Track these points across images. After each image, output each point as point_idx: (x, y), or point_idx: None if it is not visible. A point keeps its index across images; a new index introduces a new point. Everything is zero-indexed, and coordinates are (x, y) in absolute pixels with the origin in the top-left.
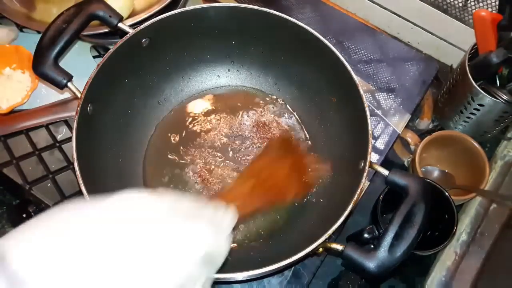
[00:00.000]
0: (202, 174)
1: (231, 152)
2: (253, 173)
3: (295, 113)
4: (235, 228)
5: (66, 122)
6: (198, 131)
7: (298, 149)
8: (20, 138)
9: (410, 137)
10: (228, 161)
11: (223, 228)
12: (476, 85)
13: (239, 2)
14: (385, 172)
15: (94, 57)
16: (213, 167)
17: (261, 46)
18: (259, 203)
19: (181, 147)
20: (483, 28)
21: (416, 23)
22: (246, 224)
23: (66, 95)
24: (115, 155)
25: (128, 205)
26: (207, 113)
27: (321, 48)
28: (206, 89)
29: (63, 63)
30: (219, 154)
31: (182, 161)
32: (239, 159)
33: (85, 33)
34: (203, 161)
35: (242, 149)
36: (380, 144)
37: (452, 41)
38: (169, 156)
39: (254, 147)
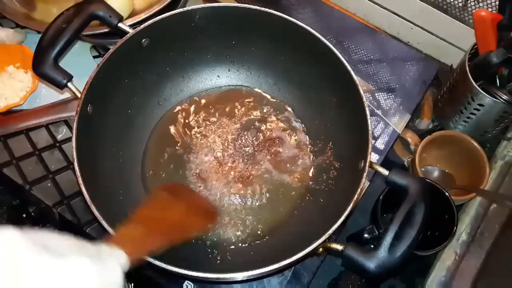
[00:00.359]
0: (202, 174)
1: (230, 152)
2: (143, 216)
3: (295, 113)
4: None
5: (66, 122)
6: (198, 131)
7: (189, 192)
8: (20, 138)
9: (410, 137)
10: (227, 160)
11: (109, 268)
12: (476, 85)
13: (239, 2)
14: (385, 172)
15: (94, 57)
16: (211, 166)
17: (261, 46)
18: (156, 243)
19: (181, 147)
20: (483, 28)
21: (416, 23)
22: (246, 224)
23: (66, 95)
24: (115, 155)
25: None
26: (207, 113)
27: (321, 48)
28: (206, 89)
29: (63, 63)
30: (219, 154)
31: (182, 161)
32: (238, 158)
33: (85, 33)
34: (203, 161)
35: (241, 149)
36: (380, 144)
37: (452, 41)
38: (169, 156)
39: (254, 147)
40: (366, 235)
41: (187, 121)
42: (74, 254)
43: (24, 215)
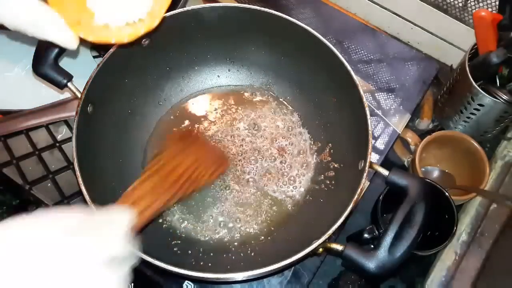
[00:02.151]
0: None
1: (230, 151)
2: (153, 170)
3: (295, 113)
4: (147, 223)
5: (66, 122)
6: (198, 131)
7: (199, 138)
8: (20, 138)
9: (410, 137)
10: (228, 160)
11: (117, 229)
12: (476, 85)
13: (239, 2)
14: (385, 172)
15: (94, 57)
16: None
17: (261, 46)
18: (170, 194)
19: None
20: (483, 28)
21: (416, 23)
22: (246, 224)
23: (66, 95)
24: (115, 155)
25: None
26: (207, 113)
27: (321, 48)
28: (206, 89)
29: (63, 63)
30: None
31: None
32: (238, 158)
33: None
34: None
35: (241, 149)
36: (380, 144)
37: (452, 41)
38: None
39: (253, 146)
40: (366, 235)
41: (187, 121)
42: (80, 230)
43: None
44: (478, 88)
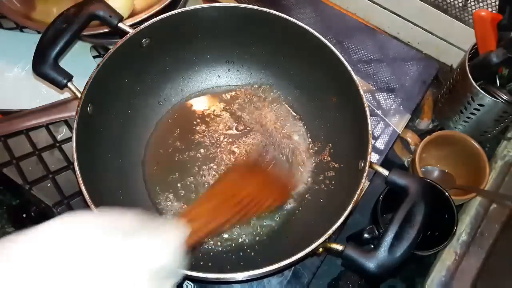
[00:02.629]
0: (202, 174)
1: (231, 151)
2: (216, 191)
3: (295, 113)
4: (200, 242)
5: (66, 122)
6: (198, 131)
7: (264, 167)
8: (20, 138)
9: (410, 137)
10: (227, 160)
11: (170, 241)
12: (476, 85)
13: (239, 2)
14: (385, 172)
15: (94, 57)
16: (212, 165)
17: (261, 46)
18: (226, 218)
19: (181, 147)
20: (483, 28)
21: (416, 23)
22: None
23: (66, 95)
24: (115, 155)
25: (59, 232)
26: (207, 113)
27: (321, 48)
28: (206, 89)
29: (63, 63)
30: (219, 154)
31: (183, 161)
32: (239, 158)
33: (85, 33)
34: (203, 160)
35: (242, 148)
36: (380, 144)
37: (452, 41)
38: (169, 156)
39: (254, 146)
40: (366, 235)
41: (187, 121)
42: (135, 233)
43: (24, 215)
44: (478, 88)
